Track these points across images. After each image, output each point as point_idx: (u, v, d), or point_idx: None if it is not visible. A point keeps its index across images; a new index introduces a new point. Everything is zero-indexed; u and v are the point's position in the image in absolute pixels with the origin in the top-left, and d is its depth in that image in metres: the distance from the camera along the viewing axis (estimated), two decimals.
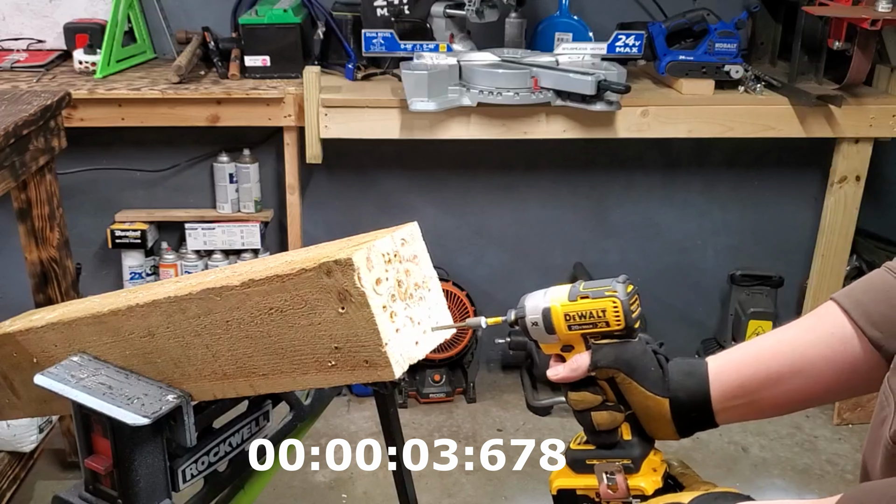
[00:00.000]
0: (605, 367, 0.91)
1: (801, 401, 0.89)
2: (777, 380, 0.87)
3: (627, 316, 0.89)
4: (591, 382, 0.93)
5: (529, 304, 0.95)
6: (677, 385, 0.89)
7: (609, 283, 0.91)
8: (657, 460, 0.94)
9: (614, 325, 0.90)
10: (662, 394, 0.90)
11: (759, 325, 2.77)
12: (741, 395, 0.88)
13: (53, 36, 2.66)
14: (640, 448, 0.93)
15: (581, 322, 0.91)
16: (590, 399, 0.93)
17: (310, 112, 2.34)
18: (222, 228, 2.63)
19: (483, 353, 2.90)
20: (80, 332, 1.22)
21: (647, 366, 0.90)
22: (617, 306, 0.89)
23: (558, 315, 0.92)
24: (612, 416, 0.93)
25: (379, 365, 0.96)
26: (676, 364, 0.91)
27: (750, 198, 2.86)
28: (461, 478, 2.42)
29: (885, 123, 2.46)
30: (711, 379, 0.89)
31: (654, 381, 0.90)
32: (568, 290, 0.92)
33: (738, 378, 0.88)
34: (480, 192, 2.81)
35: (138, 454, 1.12)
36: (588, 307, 0.90)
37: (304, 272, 0.96)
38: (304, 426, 1.42)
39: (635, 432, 0.93)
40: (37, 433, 2.12)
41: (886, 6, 2.26)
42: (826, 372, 0.85)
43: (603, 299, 0.90)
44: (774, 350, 0.88)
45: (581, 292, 0.91)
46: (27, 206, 1.94)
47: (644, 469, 0.92)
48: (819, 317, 0.87)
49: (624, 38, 2.41)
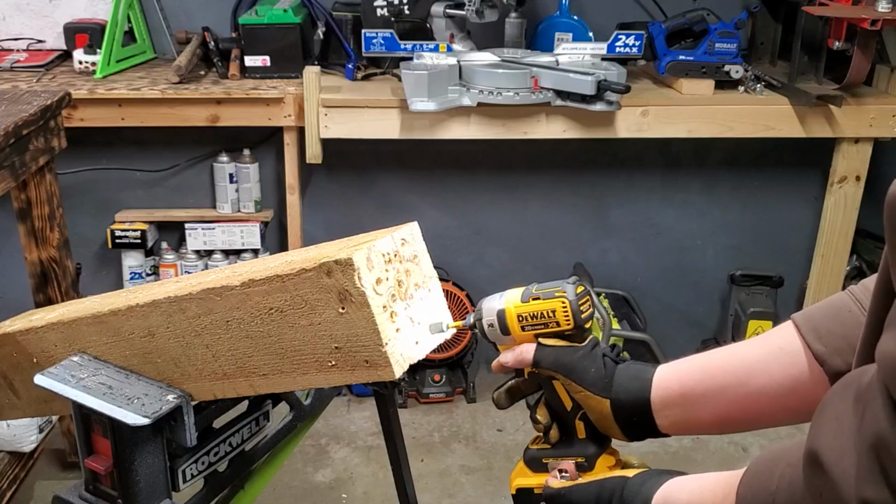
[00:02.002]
0: (545, 367, 0.93)
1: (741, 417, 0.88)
2: (719, 391, 0.86)
3: (576, 316, 0.92)
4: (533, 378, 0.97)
5: (486, 306, 0.98)
6: (619, 387, 0.90)
7: (559, 285, 0.93)
8: (612, 459, 0.96)
9: (564, 324, 0.93)
10: (602, 394, 0.91)
11: (759, 325, 2.77)
12: (680, 403, 0.88)
13: (53, 36, 2.66)
14: (593, 447, 0.95)
15: (533, 322, 0.94)
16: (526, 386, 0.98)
17: (310, 112, 2.34)
18: (222, 228, 2.63)
19: (483, 353, 2.90)
20: (80, 332, 1.22)
21: (586, 367, 0.92)
22: (566, 306, 0.92)
23: (512, 316, 0.95)
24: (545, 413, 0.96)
25: (379, 365, 0.96)
26: (626, 367, 0.92)
27: (750, 198, 2.86)
28: (461, 478, 2.42)
29: (885, 123, 2.46)
30: (654, 384, 0.89)
31: (593, 381, 0.91)
32: (521, 292, 0.95)
33: (680, 386, 0.88)
34: (480, 192, 2.81)
35: (138, 454, 1.12)
36: (539, 308, 0.93)
37: (304, 272, 0.96)
38: (304, 426, 1.42)
39: (589, 432, 0.95)
40: (37, 433, 2.12)
41: (886, 6, 2.26)
42: (769, 387, 0.84)
43: (552, 300, 0.93)
44: (722, 362, 0.88)
45: (533, 293, 0.94)
46: (27, 206, 1.94)
47: (599, 467, 0.94)
48: (773, 332, 0.87)
49: (624, 38, 2.41)
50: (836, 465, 0.56)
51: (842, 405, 0.59)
